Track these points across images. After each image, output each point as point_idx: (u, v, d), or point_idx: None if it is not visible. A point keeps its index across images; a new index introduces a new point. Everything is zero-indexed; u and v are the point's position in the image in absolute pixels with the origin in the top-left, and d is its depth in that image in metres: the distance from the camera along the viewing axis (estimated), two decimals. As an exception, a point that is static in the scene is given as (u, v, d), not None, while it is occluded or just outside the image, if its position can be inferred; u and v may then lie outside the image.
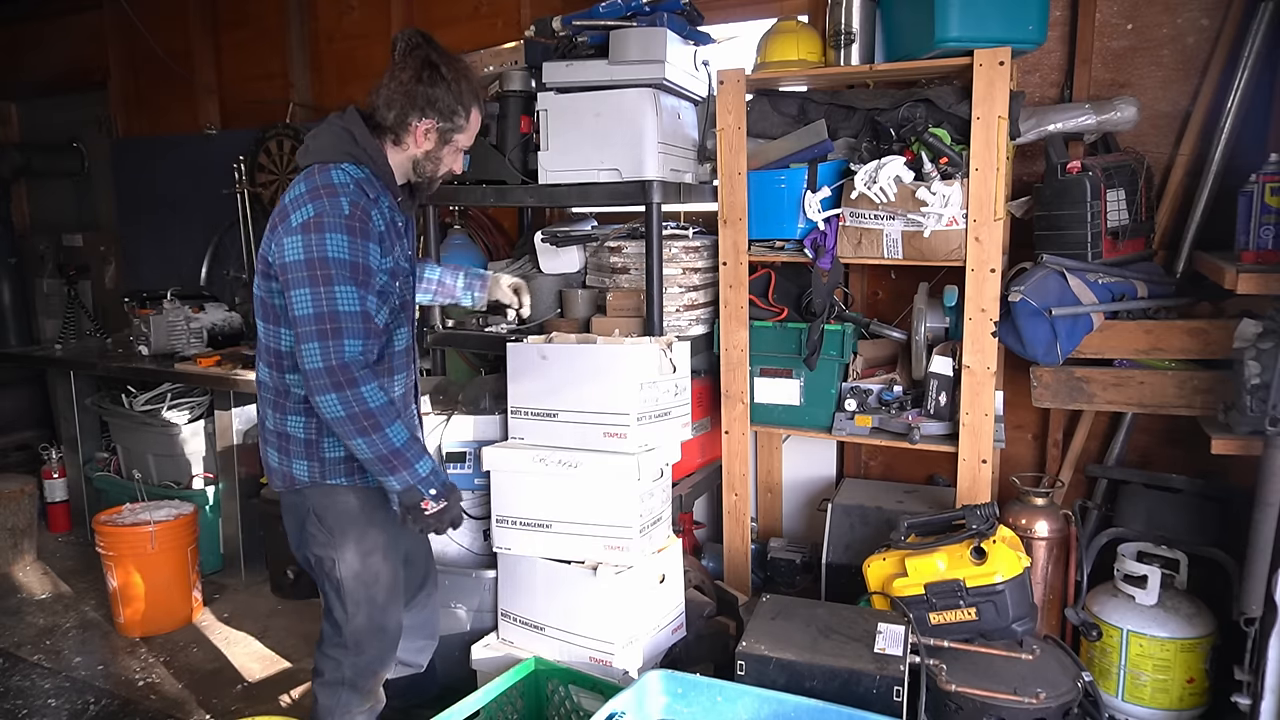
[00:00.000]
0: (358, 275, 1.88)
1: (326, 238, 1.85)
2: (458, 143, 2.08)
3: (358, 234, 1.89)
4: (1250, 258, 2.26)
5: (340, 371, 1.84)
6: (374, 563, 2.12)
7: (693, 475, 2.98)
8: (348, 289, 1.87)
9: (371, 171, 1.99)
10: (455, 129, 2.04)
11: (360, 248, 1.89)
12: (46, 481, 4.33)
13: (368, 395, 1.86)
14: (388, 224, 2.00)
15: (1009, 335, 2.52)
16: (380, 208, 1.98)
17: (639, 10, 2.62)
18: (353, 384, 1.85)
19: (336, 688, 2.16)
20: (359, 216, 1.90)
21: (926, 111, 2.53)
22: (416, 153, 2.05)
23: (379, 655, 2.18)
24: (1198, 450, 2.42)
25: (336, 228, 1.86)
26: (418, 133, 2.01)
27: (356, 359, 1.87)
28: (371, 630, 2.14)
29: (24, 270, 5.22)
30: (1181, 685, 2.39)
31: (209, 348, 4.07)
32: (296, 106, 4.56)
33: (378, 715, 2.30)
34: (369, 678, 2.18)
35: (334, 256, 1.85)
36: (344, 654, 2.14)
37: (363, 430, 1.87)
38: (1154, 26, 2.78)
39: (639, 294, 2.76)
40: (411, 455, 1.93)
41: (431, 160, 2.07)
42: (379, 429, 1.87)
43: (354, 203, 1.90)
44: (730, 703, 1.86)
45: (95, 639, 3.34)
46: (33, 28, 5.60)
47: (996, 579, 2.15)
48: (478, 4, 4.02)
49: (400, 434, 1.91)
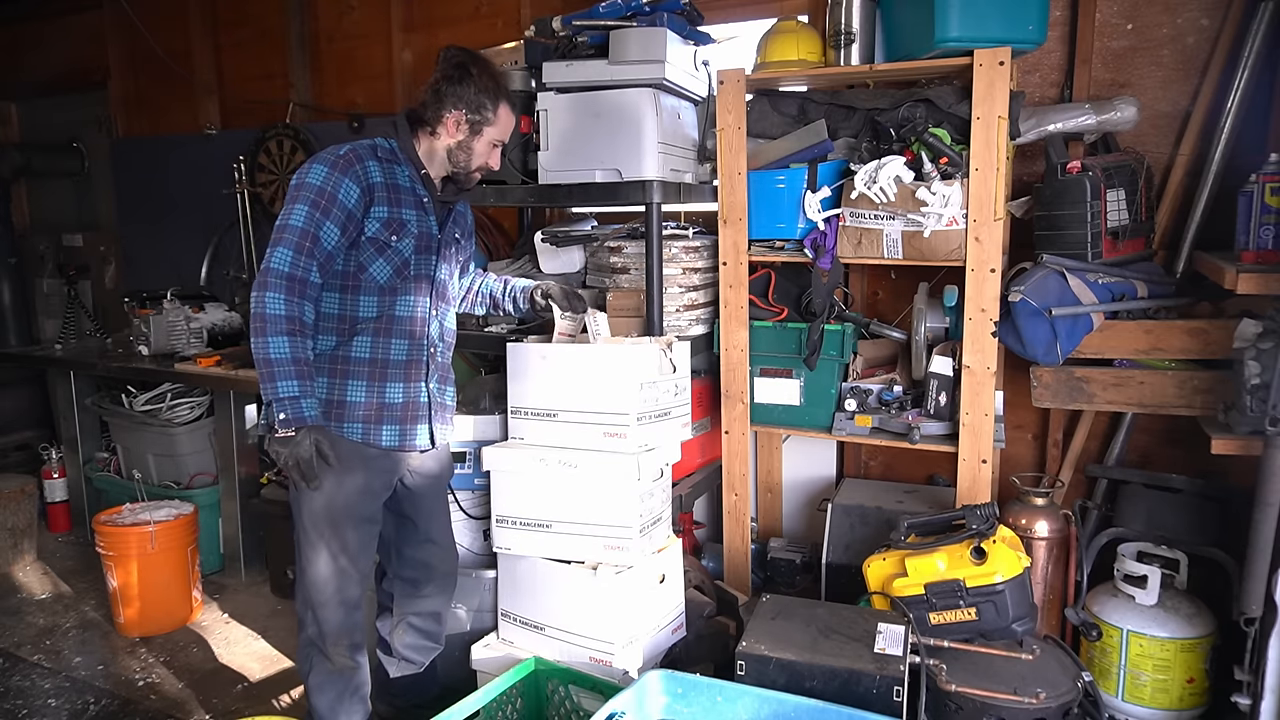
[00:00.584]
0: (321, 199, 2.06)
1: (311, 168, 2.10)
2: (488, 135, 2.25)
3: (338, 169, 2.09)
4: (1250, 258, 2.26)
5: (265, 273, 2.02)
6: (335, 518, 2.18)
7: (693, 475, 2.98)
8: (303, 208, 2.05)
9: (398, 146, 2.23)
10: (484, 121, 2.23)
11: (334, 179, 2.08)
12: (46, 481, 4.33)
13: (269, 300, 2.00)
14: (394, 184, 2.19)
15: (1009, 335, 2.52)
16: (391, 168, 2.19)
17: (639, 10, 2.62)
18: (265, 286, 2.01)
19: (308, 648, 2.26)
20: (349, 157, 2.12)
21: (926, 111, 2.53)
22: (450, 142, 2.25)
23: (332, 619, 2.21)
24: (1198, 450, 2.42)
25: (323, 161, 2.11)
26: (449, 123, 2.22)
27: (281, 268, 2.02)
28: (321, 588, 2.19)
29: (24, 270, 5.22)
30: (1181, 685, 2.39)
31: (209, 348, 4.07)
32: (296, 106, 4.57)
33: (369, 711, 2.31)
34: (325, 640, 2.22)
35: (308, 181, 2.08)
36: (305, 611, 2.23)
37: (255, 330, 2.01)
38: (1154, 26, 2.78)
39: (639, 294, 2.76)
40: (279, 372, 2.01)
41: (464, 150, 2.25)
42: (263, 334, 2.00)
43: (353, 149, 2.14)
44: (730, 703, 1.86)
45: (95, 639, 3.34)
46: (33, 28, 5.60)
47: (996, 579, 2.15)
48: (478, 4, 4.02)
49: (280, 348, 2.00)
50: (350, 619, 2.25)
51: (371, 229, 2.14)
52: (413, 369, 2.25)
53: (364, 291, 2.16)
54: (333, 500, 2.17)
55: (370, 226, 2.14)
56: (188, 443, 3.88)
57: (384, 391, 2.20)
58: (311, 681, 2.26)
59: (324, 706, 2.25)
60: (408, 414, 2.25)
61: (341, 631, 2.23)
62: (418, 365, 2.26)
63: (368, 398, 2.19)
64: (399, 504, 2.37)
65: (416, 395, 2.27)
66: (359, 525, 2.23)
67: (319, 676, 2.25)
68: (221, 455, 3.80)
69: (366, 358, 2.18)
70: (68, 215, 5.94)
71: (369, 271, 2.15)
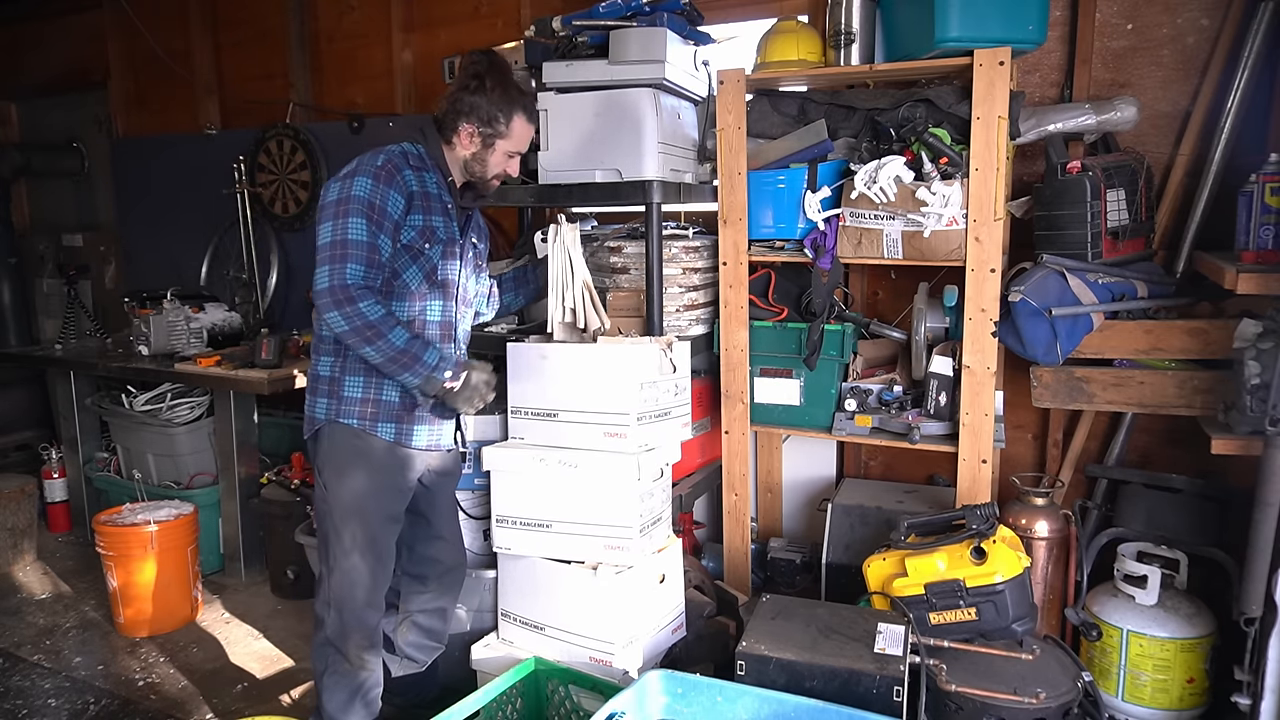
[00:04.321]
0: (373, 213, 2.10)
1: (354, 181, 2.11)
2: (500, 147, 2.27)
3: (382, 180, 2.12)
4: (1250, 258, 2.26)
5: (340, 291, 2.04)
6: (366, 517, 2.21)
7: (693, 475, 2.98)
8: (359, 221, 2.08)
9: (425, 152, 2.26)
10: (496, 134, 2.25)
11: (381, 191, 2.11)
12: (46, 481, 4.32)
13: (365, 310, 2.05)
14: (425, 191, 2.21)
15: (1009, 335, 2.52)
16: (422, 176, 2.22)
17: (639, 10, 2.62)
18: (351, 301, 2.04)
19: (324, 647, 2.26)
20: (388, 168, 2.14)
21: (926, 111, 2.53)
22: (465, 154, 2.28)
23: (355, 617, 2.22)
24: (1198, 450, 2.42)
25: (365, 173, 2.12)
26: (463, 136, 2.25)
27: (357, 281, 2.06)
28: (348, 588, 2.21)
29: (24, 270, 5.22)
30: (1181, 685, 2.39)
31: (209, 348, 4.07)
32: (296, 106, 4.56)
33: (377, 715, 2.31)
34: (346, 640, 2.23)
35: (355, 194, 2.10)
36: (326, 611, 2.24)
37: (368, 340, 2.06)
38: (1154, 26, 2.78)
39: (639, 294, 2.76)
40: (416, 350, 2.11)
41: (479, 162, 2.28)
42: (381, 336, 2.06)
43: (389, 158, 2.16)
44: (730, 703, 1.86)
45: (95, 639, 3.34)
46: (33, 28, 5.60)
47: (996, 579, 2.15)
48: (478, 4, 4.02)
49: (401, 336, 2.09)
50: (373, 619, 2.27)
51: (407, 236, 2.17)
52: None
53: (396, 297, 2.19)
54: (365, 499, 2.21)
55: (406, 234, 2.17)
56: (188, 443, 3.88)
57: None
58: (326, 681, 2.26)
59: (335, 707, 2.25)
60: (437, 415, 2.31)
61: (364, 631, 2.25)
62: None
63: (402, 398, 2.23)
64: (415, 501, 2.39)
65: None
66: (387, 524, 2.27)
67: (334, 677, 2.25)
68: (221, 455, 3.79)
69: None
70: (68, 215, 5.94)
71: (402, 278, 2.19)
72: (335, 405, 2.21)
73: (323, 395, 2.23)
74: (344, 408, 2.20)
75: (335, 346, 2.22)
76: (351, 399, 2.20)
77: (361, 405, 2.20)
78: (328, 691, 2.26)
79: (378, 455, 2.21)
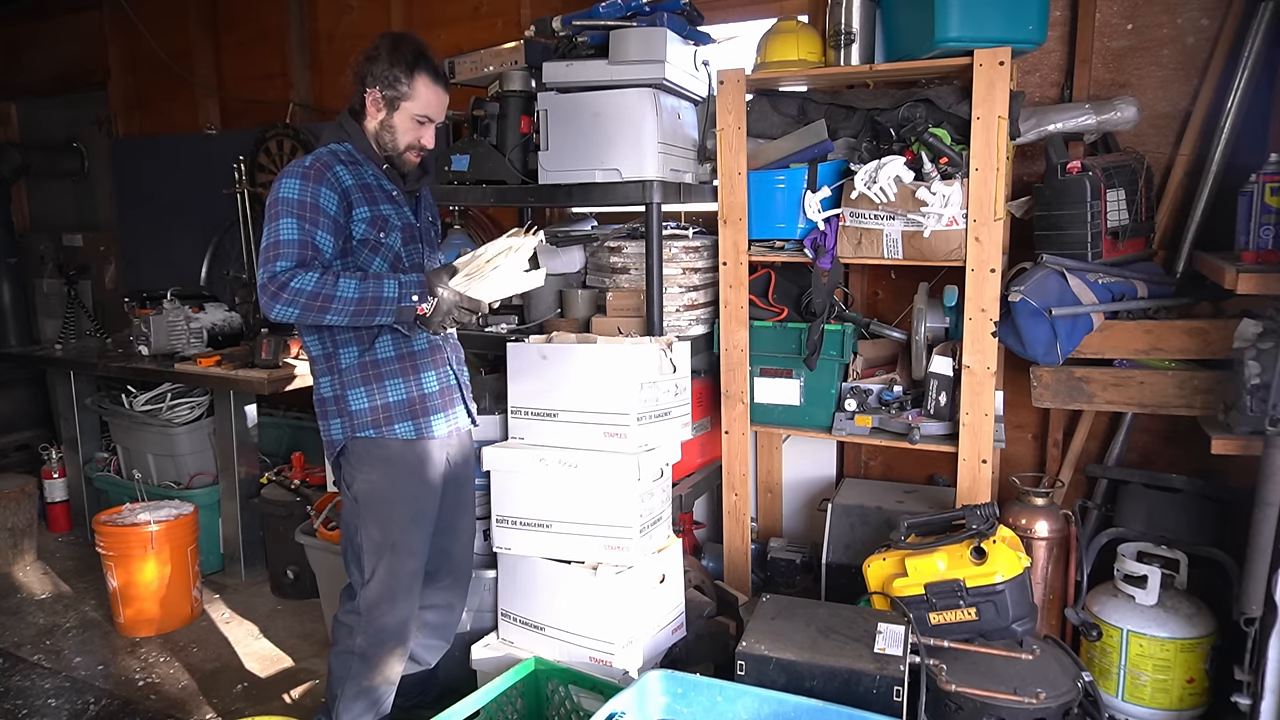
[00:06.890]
0: (304, 211, 2.06)
1: (282, 184, 2.09)
2: (406, 109, 2.19)
3: (311, 178, 2.08)
4: (1250, 258, 2.26)
5: (270, 284, 2.00)
6: (397, 526, 2.21)
7: (693, 475, 2.98)
8: (289, 221, 2.05)
9: (353, 147, 2.21)
10: (399, 95, 2.18)
11: (311, 189, 2.08)
12: (46, 481, 4.32)
13: (299, 285, 2.00)
14: (365, 184, 2.18)
15: (1009, 335, 2.52)
16: (357, 169, 2.18)
17: (639, 10, 2.62)
18: (283, 287, 1.99)
19: (347, 656, 2.24)
20: (316, 166, 2.11)
21: (926, 111, 2.53)
22: (373, 124, 2.22)
23: (392, 625, 2.22)
24: (1198, 450, 2.42)
25: (292, 174, 2.10)
26: (369, 105, 2.20)
27: (285, 268, 2.02)
28: (385, 596, 2.21)
29: (24, 270, 5.22)
30: (1181, 685, 2.39)
31: (209, 348, 4.07)
32: (296, 106, 4.56)
33: (386, 715, 2.31)
34: (379, 648, 2.22)
35: (284, 197, 2.07)
36: (357, 620, 2.22)
37: (321, 309, 2.02)
38: (1154, 26, 2.78)
39: (639, 294, 2.76)
40: (373, 291, 2.05)
41: (387, 130, 2.21)
42: (330, 299, 2.01)
43: (317, 158, 2.13)
44: (730, 703, 1.86)
45: (95, 639, 3.34)
46: (33, 28, 5.60)
47: (996, 579, 2.15)
48: (478, 4, 4.02)
49: (349, 287, 2.03)
50: (409, 626, 2.28)
51: (359, 231, 2.15)
52: (436, 353, 2.30)
53: None
54: (395, 503, 2.21)
55: (357, 229, 2.15)
56: (187, 443, 3.88)
57: (420, 382, 2.25)
58: (347, 689, 2.24)
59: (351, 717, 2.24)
60: (445, 399, 2.30)
61: (400, 639, 2.25)
62: (439, 348, 2.31)
63: (408, 392, 2.23)
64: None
65: (447, 378, 2.32)
66: (421, 524, 2.27)
67: (356, 686, 2.23)
68: (221, 455, 3.79)
69: (394, 354, 2.22)
70: (68, 215, 5.94)
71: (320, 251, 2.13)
72: (348, 422, 2.19)
73: (333, 416, 2.22)
74: (357, 422, 2.19)
75: (328, 365, 2.21)
76: (360, 411, 2.19)
77: (372, 414, 2.19)
78: (346, 700, 2.24)
79: (401, 456, 2.21)
